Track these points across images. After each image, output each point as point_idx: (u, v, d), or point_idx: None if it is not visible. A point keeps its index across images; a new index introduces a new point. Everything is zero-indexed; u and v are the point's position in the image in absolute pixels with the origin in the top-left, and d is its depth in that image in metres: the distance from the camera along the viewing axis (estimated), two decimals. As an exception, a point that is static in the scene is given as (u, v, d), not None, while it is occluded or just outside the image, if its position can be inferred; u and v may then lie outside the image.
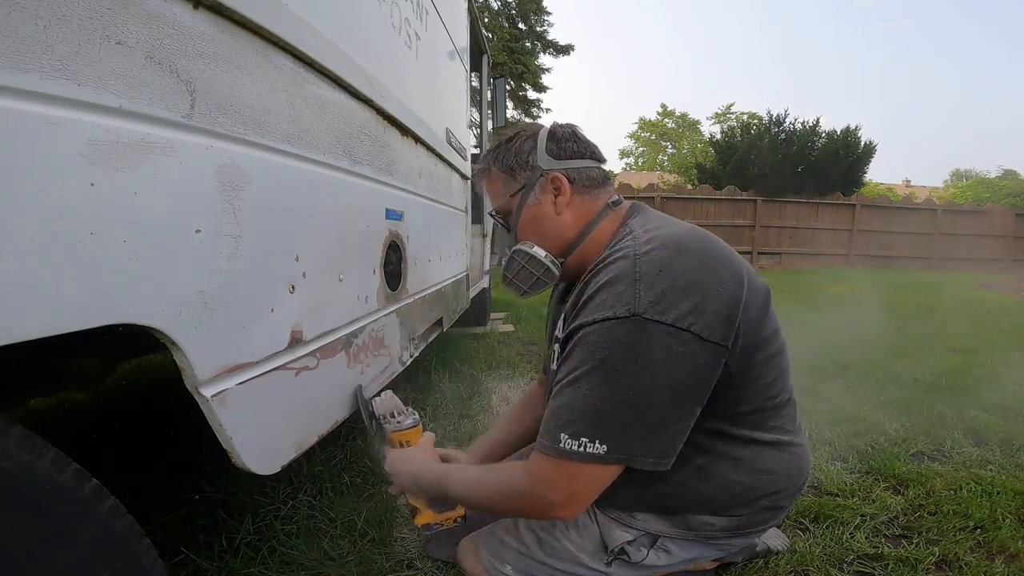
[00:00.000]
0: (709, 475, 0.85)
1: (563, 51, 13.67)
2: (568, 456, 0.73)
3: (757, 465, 0.87)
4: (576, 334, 0.77)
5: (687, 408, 0.76)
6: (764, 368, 0.82)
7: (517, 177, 0.91)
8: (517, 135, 0.93)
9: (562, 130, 0.92)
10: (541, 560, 0.93)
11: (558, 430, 0.74)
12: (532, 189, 0.90)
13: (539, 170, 0.89)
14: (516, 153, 0.91)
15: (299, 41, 0.78)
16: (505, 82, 3.89)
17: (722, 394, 0.79)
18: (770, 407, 0.87)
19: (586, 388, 0.73)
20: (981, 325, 4.16)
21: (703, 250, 0.79)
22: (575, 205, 0.90)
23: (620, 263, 0.77)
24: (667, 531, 0.90)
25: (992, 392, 2.30)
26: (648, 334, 0.71)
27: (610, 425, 0.72)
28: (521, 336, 3.34)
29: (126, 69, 0.50)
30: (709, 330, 0.73)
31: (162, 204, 0.55)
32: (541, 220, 0.90)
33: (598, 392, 0.72)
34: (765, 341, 0.81)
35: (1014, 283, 7.92)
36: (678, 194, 10.85)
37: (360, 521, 1.16)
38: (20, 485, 0.45)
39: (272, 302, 0.75)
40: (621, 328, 0.72)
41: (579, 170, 0.90)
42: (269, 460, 0.74)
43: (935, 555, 1.11)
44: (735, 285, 0.77)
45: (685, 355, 0.72)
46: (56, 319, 0.44)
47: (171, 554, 0.99)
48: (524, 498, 0.79)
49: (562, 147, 0.90)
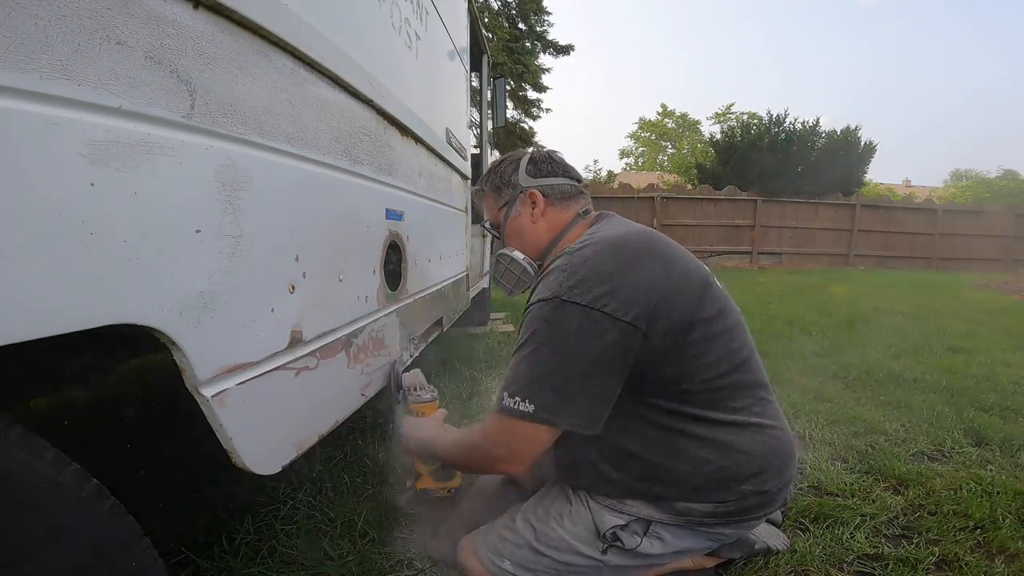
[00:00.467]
0: (677, 453, 0.90)
1: (563, 51, 13.66)
2: (506, 412, 0.86)
3: (725, 445, 0.90)
4: (525, 314, 0.93)
5: (601, 378, 0.85)
6: (704, 346, 0.89)
7: (503, 194, 1.10)
8: (504, 160, 1.13)
9: (540, 154, 1.12)
10: (539, 551, 0.95)
11: (503, 390, 0.88)
12: (514, 203, 1.08)
13: (519, 187, 1.08)
14: (501, 174, 1.11)
15: (299, 41, 0.78)
16: (505, 82, 3.89)
17: (657, 370, 0.88)
18: (724, 387, 0.91)
19: (520, 356, 0.87)
20: (981, 325, 4.16)
21: (633, 244, 0.91)
22: (549, 216, 1.07)
23: (559, 260, 0.92)
24: (657, 516, 0.92)
25: (992, 392, 2.30)
26: (565, 312, 0.84)
27: (535, 387, 0.84)
28: (521, 336, 3.34)
29: (126, 69, 0.50)
30: (622, 311, 0.83)
31: (162, 204, 0.55)
32: (521, 229, 1.08)
33: (528, 360, 0.86)
34: (701, 322, 0.89)
35: (1014, 283, 7.92)
36: (678, 194, 10.85)
37: (360, 521, 1.16)
38: (20, 485, 0.45)
39: (272, 302, 0.75)
40: (545, 307, 0.86)
41: (552, 186, 1.07)
42: (269, 460, 0.74)
43: (935, 555, 1.11)
44: (659, 274, 0.88)
45: (597, 331, 0.83)
46: (56, 319, 0.44)
47: (171, 554, 0.99)
48: (477, 451, 0.94)
49: (538, 167, 1.08)
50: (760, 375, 0.98)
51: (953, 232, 11.77)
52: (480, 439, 0.93)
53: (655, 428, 0.91)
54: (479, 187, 1.16)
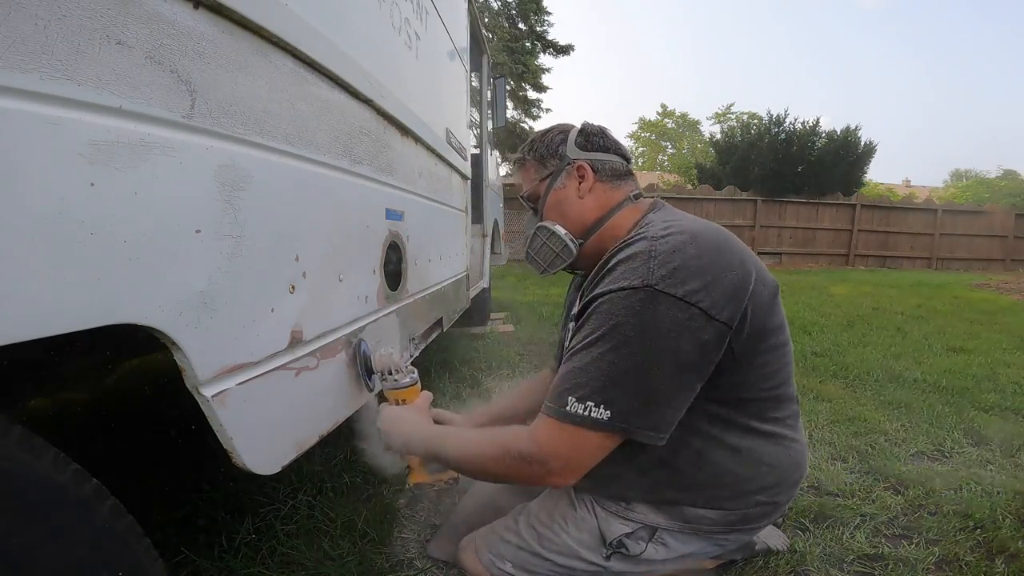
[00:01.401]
0: (704, 461, 0.87)
1: (563, 51, 13.65)
2: (573, 420, 0.76)
3: (753, 456, 0.88)
4: (592, 304, 0.82)
5: (687, 383, 0.78)
6: (768, 356, 0.85)
7: (547, 165, 1.01)
8: (551, 129, 1.04)
9: (591, 127, 1.02)
10: (541, 555, 0.94)
11: (566, 393, 0.77)
12: (559, 175, 0.99)
13: (567, 159, 0.98)
14: (548, 144, 1.01)
15: (299, 41, 0.78)
16: (505, 82, 3.89)
17: (725, 377, 0.81)
18: (771, 397, 0.88)
19: (597, 353, 0.77)
20: (981, 325, 4.16)
21: (717, 240, 0.84)
22: (597, 192, 0.97)
23: (638, 244, 0.82)
24: (664, 523, 0.91)
25: (992, 392, 2.30)
26: (658, 304, 0.75)
27: (616, 391, 0.75)
28: (521, 336, 3.34)
29: (126, 69, 0.50)
30: (716, 308, 0.76)
31: (162, 204, 0.55)
32: (564, 203, 0.98)
33: (608, 357, 0.76)
34: (771, 331, 0.85)
35: (1014, 283, 7.91)
36: (678, 194, 10.86)
37: (360, 521, 1.16)
38: (20, 485, 0.45)
39: (272, 302, 0.75)
40: (634, 297, 0.76)
41: (603, 161, 0.98)
42: (269, 460, 0.74)
43: (935, 555, 1.11)
44: (744, 273, 0.81)
45: (691, 328, 0.75)
46: (56, 319, 0.44)
47: (171, 554, 0.99)
48: (524, 462, 0.80)
49: (589, 140, 1.00)
50: (795, 388, 0.96)
51: (953, 232, 11.77)
52: (528, 447, 0.80)
53: (693, 434, 0.85)
54: (520, 155, 1.06)
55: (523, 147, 1.06)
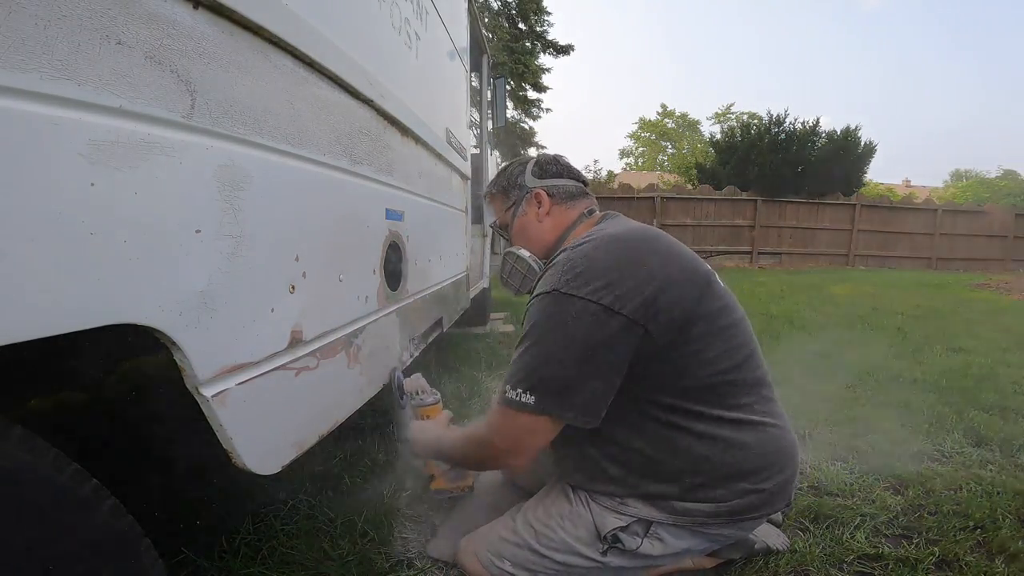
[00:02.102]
0: (676, 449, 0.90)
1: (563, 51, 13.65)
2: (509, 404, 0.87)
3: (725, 441, 0.89)
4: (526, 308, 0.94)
5: (600, 372, 0.85)
6: (705, 342, 0.89)
7: (510, 195, 1.13)
8: (511, 163, 1.16)
9: (545, 156, 1.15)
10: (539, 552, 0.95)
11: (505, 383, 0.89)
12: (520, 203, 1.11)
13: (525, 188, 1.11)
14: (509, 176, 1.14)
15: (299, 41, 0.78)
16: (505, 82, 3.89)
17: (658, 365, 0.88)
18: (723, 383, 0.91)
19: (522, 348, 0.89)
20: (981, 325, 4.16)
21: (635, 240, 0.93)
22: (554, 215, 1.09)
23: (560, 256, 0.93)
24: (657, 517, 0.92)
25: (992, 392, 2.30)
26: (562, 304, 0.85)
27: (535, 380, 0.85)
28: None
29: (126, 69, 0.50)
30: (619, 303, 0.84)
31: (162, 204, 0.55)
32: (527, 228, 1.11)
33: (529, 352, 0.87)
34: (703, 316, 0.89)
35: (1014, 283, 7.92)
36: (678, 194, 10.85)
37: (360, 521, 1.16)
38: (20, 485, 0.45)
39: (272, 302, 0.75)
40: (544, 300, 0.88)
41: (557, 186, 1.10)
42: (269, 460, 0.74)
43: (935, 555, 1.11)
44: (659, 267, 0.88)
45: (594, 323, 0.84)
46: (56, 319, 0.44)
47: (171, 554, 0.99)
48: (482, 445, 0.94)
49: (544, 169, 1.12)
50: (762, 373, 0.98)
51: (953, 232, 11.77)
52: (485, 433, 0.93)
53: (655, 423, 0.91)
54: (488, 190, 1.19)
55: (490, 183, 1.19)
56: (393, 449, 1.56)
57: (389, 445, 1.59)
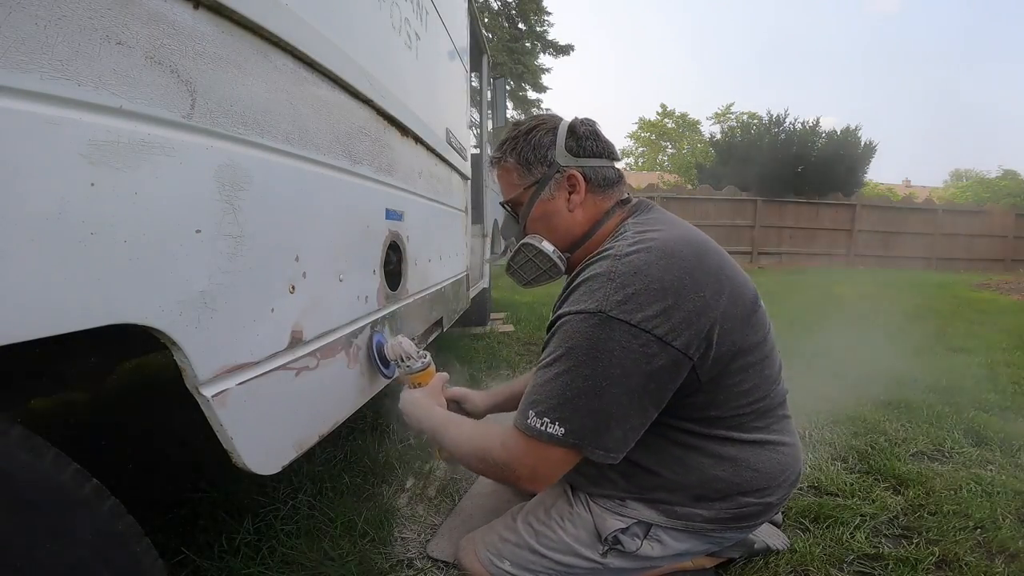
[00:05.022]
0: (687, 468, 0.87)
1: (563, 51, 13.67)
2: (532, 433, 0.78)
3: (739, 463, 0.88)
4: (556, 323, 0.83)
5: (640, 407, 0.78)
6: (741, 376, 0.84)
7: (533, 171, 0.91)
8: (536, 127, 0.92)
9: (583, 127, 0.92)
10: (539, 553, 0.94)
11: (528, 408, 0.80)
12: (547, 184, 0.90)
13: (556, 166, 0.90)
14: (535, 146, 0.91)
15: (299, 41, 0.78)
16: (505, 82, 3.89)
17: (690, 398, 0.81)
18: (749, 413, 0.87)
19: (553, 373, 0.78)
20: (981, 325, 4.16)
21: (689, 257, 0.80)
22: (587, 204, 0.91)
23: (602, 263, 0.81)
24: (657, 519, 0.91)
25: (992, 392, 2.30)
26: (611, 331, 0.74)
27: (568, 411, 0.76)
28: (521, 336, 3.34)
29: (126, 69, 0.50)
30: (673, 335, 0.75)
31: (162, 204, 0.55)
32: (553, 216, 0.91)
33: (562, 379, 0.77)
34: (746, 350, 0.83)
35: (1014, 283, 7.91)
36: (678, 194, 10.87)
37: (360, 521, 1.16)
38: (20, 485, 0.45)
39: (272, 302, 0.75)
40: (588, 322, 0.76)
41: (596, 169, 0.90)
42: (269, 460, 0.74)
43: (935, 555, 1.11)
44: (713, 296, 0.79)
45: (644, 356, 0.75)
46: (56, 319, 0.44)
47: (171, 554, 0.99)
48: (497, 467, 0.85)
49: (582, 145, 0.90)
50: (784, 392, 0.94)
51: (953, 232, 11.78)
52: (500, 454, 0.84)
53: (671, 444, 0.87)
54: (499, 155, 0.96)
55: (503, 143, 0.95)
56: (393, 448, 1.56)
57: (389, 445, 1.59)
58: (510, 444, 0.82)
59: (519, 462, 0.82)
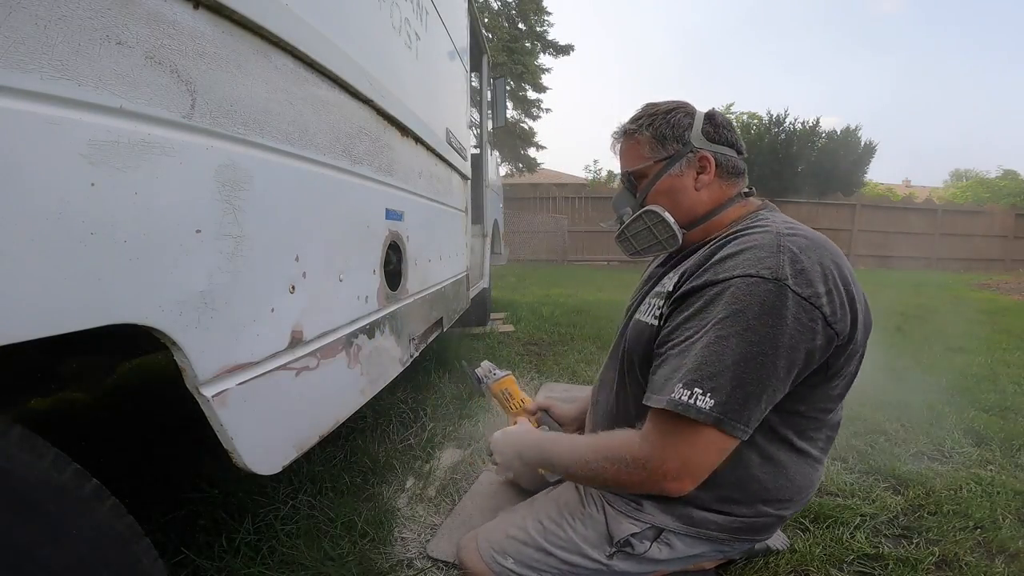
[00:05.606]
0: (735, 462, 0.83)
1: (563, 51, 13.66)
2: (679, 409, 0.73)
3: (781, 468, 0.88)
4: (705, 289, 0.78)
5: (787, 383, 0.77)
6: (843, 378, 0.84)
7: (667, 146, 0.94)
8: (676, 108, 0.96)
9: (720, 116, 0.97)
10: (545, 550, 0.94)
11: (675, 380, 0.75)
12: (678, 161, 0.93)
13: (691, 146, 0.93)
14: (674, 125, 0.94)
15: (299, 41, 0.78)
16: (505, 82, 3.89)
17: (802, 387, 0.81)
18: (818, 419, 0.88)
19: (713, 336, 0.74)
20: (981, 325, 4.16)
21: (840, 257, 0.83)
22: (713, 187, 0.94)
23: (762, 235, 0.80)
24: (671, 525, 0.91)
25: (992, 392, 2.30)
26: (786, 299, 0.73)
27: (724, 379, 0.73)
28: (521, 336, 3.34)
29: (126, 69, 0.50)
30: (834, 317, 0.76)
31: (162, 204, 0.55)
32: (678, 192, 0.94)
33: (725, 343, 0.73)
34: (858, 357, 0.84)
35: (1014, 283, 7.91)
36: (678, 194, 10.85)
37: (360, 521, 1.16)
38: (20, 485, 0.45)
39: (272, 302, 0.75)
40: (763, 287, 0.74)
41: (726, 156, 0.94)
42: (270, 460, 0.74)
43: (935, 555, 1.11)
44: (859, 295, 0.81)
45: (811, 331, 0.74)
46: (56, 319, 0.44)
47: (171, 554, 0.99)
48: (637, 467, 0.78)
49: (717, 132, 0.94)
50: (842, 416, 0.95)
51: (953, 232, 11.78)
52: (642, 449, 0.78)
53: None
54: (633, 126, 0.97)
55: (638, 118, 0.98)
56: (393, 448, 1.56)
57: (389, 445, 1.59)
58: (651, 434, 0.77)
59: (667, 452, 0.76)
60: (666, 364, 0.79)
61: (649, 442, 0.78)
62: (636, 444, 0.80)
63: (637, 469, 0.79)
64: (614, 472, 0.81)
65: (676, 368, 0.76)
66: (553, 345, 3.09)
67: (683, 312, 0.80)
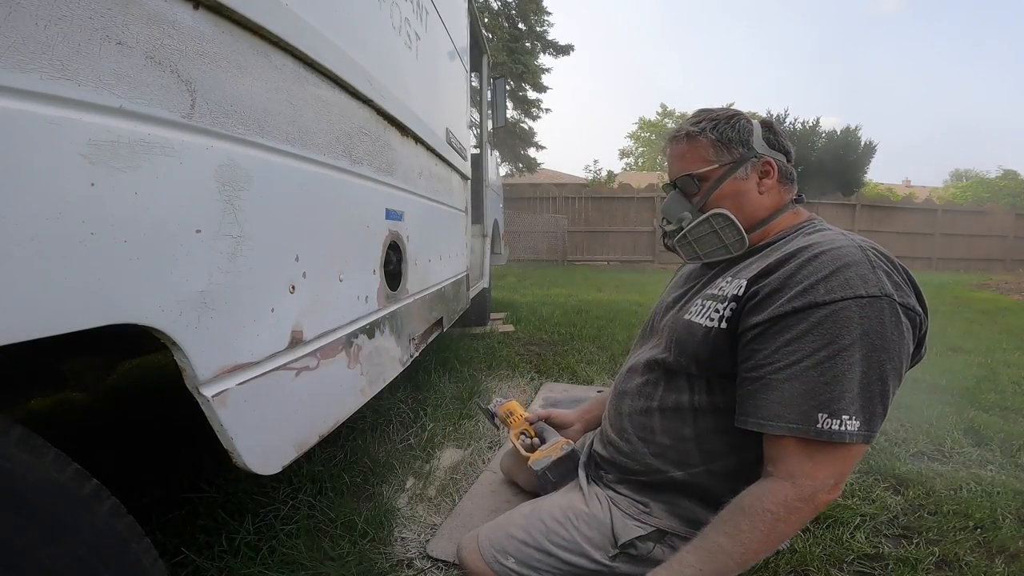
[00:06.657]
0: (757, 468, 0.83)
1: (563, 51, 13.65)
2: (831, 438, 0.73)
3: None
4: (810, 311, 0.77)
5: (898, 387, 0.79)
6: None
7: (732, 150, 0.95)
8: (736, 115, 0.99)
9: (775, 124, 1.00)
10: (547, 550, 0.94)
11: (815, 411, 0.74)
12: (743, 165, 0.95)
13: (754, 151, 0.95)
14: (736, 129, 0.96)
15: (299, 41, 0.78)
16: (505, 82, 3.89)
17: None
18: None
19: (846, 364, 0.74)
20: (981, 325, 4.16)
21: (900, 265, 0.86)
22: (773, 191, 0.97)
23: (845, 250, 0.79)
24: (677, 528, 0.91)
25: (992, 392, 2.30)
26: (897, 314, 0.76)
27: (864, 400, 0.74)
28: (521, 336, 3.34)
29: (126, 69, 0.50)
30: (923, 326, 0.80)
31: (162, 204, 0.55)
32: (743, 195, 0.95)
33: (860, 367, 0.74)
34: None
35: (1014, 283, 7.91)
36: (678, 194, 10.85)
37: (360, 521, 1.16)
38: (20, 485, 0.45)
39: (272, 302, 0.75)
40: (876, 306, 0.75)
41: (783, 162, 0.97)
42: (270, 460, 0.74)
43: (935, 555, 1.11)
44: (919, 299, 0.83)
45: (908, 338, 0.78)
46: (56, 319, 0.44)
47: (171, 554, 0.99)
48: (799, 507, 0.75)
49: (778, 139, 0.98)
50: None
51: (953, 232, 11.78)
52: (792, 491, 0.75)
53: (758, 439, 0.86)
54: (696, 129, 0.97)
55: (699, 122, 0.98)
56: (393, 448, 1.56)
57: (389, 445, 1.59)
58: (799, 465, 0.76)
59: (822, 474, 0.75)
60: (777, 389, 0.77)
61: (804, 476, 0.75)
62: (787, 491, 0.76)
63: (799, 510, 0.76)
64: (768, 532, 0.76)
65: (805, 395, 0.75)
66: (553, 345, 3.09)
67: (783, 334, 0.78)
